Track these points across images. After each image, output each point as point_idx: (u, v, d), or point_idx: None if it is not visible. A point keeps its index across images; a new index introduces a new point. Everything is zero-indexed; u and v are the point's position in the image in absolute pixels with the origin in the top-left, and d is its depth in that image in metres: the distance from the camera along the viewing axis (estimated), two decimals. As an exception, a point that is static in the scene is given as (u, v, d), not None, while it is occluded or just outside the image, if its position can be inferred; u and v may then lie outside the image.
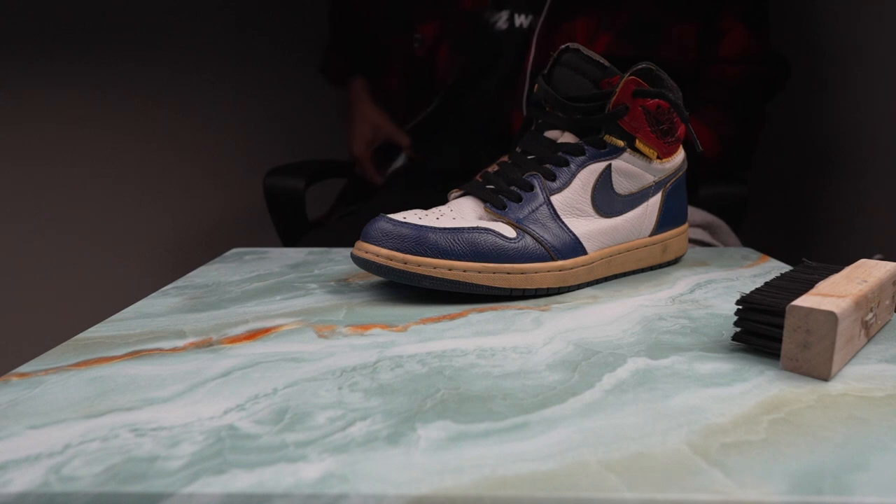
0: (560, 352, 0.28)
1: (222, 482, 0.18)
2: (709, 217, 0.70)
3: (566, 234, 0.39)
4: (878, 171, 0.72)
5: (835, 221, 0.81)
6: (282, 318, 0.34)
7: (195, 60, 1.19)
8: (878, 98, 0.72)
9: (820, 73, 0.84)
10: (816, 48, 0.84)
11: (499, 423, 0.21)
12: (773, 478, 0.18)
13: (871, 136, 0.74)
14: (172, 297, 0.39)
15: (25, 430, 0.21)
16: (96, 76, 1.11)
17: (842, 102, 0.79)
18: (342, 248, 0.59)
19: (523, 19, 0.75)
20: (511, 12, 0.75)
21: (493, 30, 0.76)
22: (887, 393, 0.24)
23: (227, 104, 1.24)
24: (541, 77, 0.42)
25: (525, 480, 0.18)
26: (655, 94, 0.39)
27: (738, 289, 0.39)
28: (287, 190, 0.85)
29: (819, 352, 0.24)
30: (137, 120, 1.16)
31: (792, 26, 0.90)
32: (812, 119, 0.86)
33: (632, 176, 0.41)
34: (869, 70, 0.73)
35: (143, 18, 1.13)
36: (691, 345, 0.29)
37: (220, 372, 0.26)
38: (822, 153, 0.84)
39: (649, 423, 0.21)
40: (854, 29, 0.76)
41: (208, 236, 1.27)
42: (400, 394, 0.24)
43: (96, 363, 0.28)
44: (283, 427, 0.21)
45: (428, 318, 0.34)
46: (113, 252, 1.18)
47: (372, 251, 0.36)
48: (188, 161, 1.22)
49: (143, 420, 0.22)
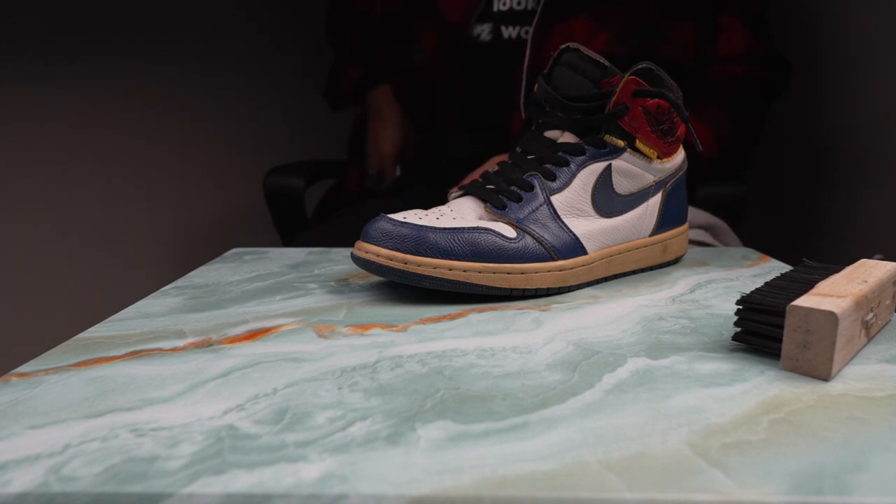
0: (560, 352, 0.28)
1: (222, 482, 0.18)
2: (711, 219, 0.70)
3: (566, 234, 0.39)
4: (879, 171, 0.72)
5: (835, 221, 0.81)
6: (282, 318, 0.34)
7: (195, 61, 1.19)
8: (878, 98, 0.72)
9: (821, 73, 0.84)
10: (817, 48, 0.84)
11: (499, 423, 0.21)
12: (773, 478, 0.18)
13: (871, 136, 0.74)
14: (172, 297, 0.39)
15: (25, 430, 0.21)
16: (96, 76, 1.11)
17: (842, 102, 0.79)
18: (342, 248, 0.59)
19: (511, 30, 0.77)
20: (496, 24, 0.77)
21: (479, 41, 0.78)
22: (887, 393, 0.24)
23: (228, 104, 1.24)
24: (541, 77, 0.42)
25: (525, 480, 0.18)
26: (655, 94, 0.39)
27: (738, 289, 0.39)
28: (287, 190, 0.85)
29: (819, 352, 0.24)
30: (138, 120, 1.16)
31: (793, 26, 0.90)
32: (813, 119, 0.86)
33: (632, 176, 0.41)
34: (870, 70, 0.73)
35: (143, 19, 1.13)
36: (691, 345, 0.29)
37: (220, 372, 0.26)
38: (822, 153, 0.84)
39: (649, 423, 0.21)
40: (854, 29, 0.76)
41: (208, 236, 1.27)
42: (400, 394, 0.24)
43: (96, 363, 0.28)
44: (283, 427, 0.21)
45: (428, 318, 0.34)
46: (113, 252, 1.18)
47: (372, 251, 0.36)
48: (188, 161, 1.22)
49: (143, 420, 0.22)
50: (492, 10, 0.77)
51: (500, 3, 0.77)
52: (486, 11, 0.78)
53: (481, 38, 0.78)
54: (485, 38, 0.77)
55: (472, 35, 0.78)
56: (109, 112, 1.13)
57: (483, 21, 0.78)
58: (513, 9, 0.76)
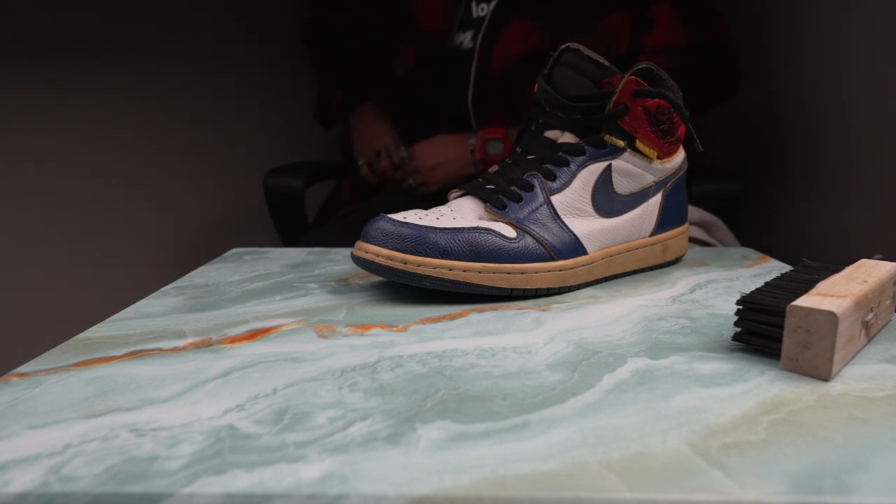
0: (560, 352, 0.28)
1: (222, 482, 0.18)
2: (705, 215, 0.70)
3: (566, 234, 0.39)
4: (880, 170, 0.72)
5: (835, 221, 0.81)
6: (282, 318, 0.34)
7: (196, 61, 1.19)
8: (879, 99, 0.72)
9: (821, 72, 0.84)
10: (817, 47, 0.84)
11: (499, 423, 0.21)
12: (773, 478, 0.18)
13: (872, 136, 0.74)
14: (172, 297, 0.39)
15: (25, 430, 0.21)
16: (96, 76, 1.11)
17: (843, 102, 0.79)
18: (342, 248, 0.59)
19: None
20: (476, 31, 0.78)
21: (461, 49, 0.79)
22: (887, 393, 0.24)
23: (228, 105, 1.24)
24: (541, 77, 0.42)
25: (525, 480, 0.18)
26: (656, 94, 0.39)
27: (738, 289, 0.39)
28: (287, 190, 0.85)
29: (819, 352, 0.24)
30: (138, 120, 1.16)
31: (791, 27, 0.90)
32: (813, 119, 0.86)
33: (632, 176, 0.41)
34: (870, 69, 0.73)
35: (144, 19, 1.13)
36: (691, 345, 0.29)
37: (220, 372, 0.26)
38: (822, 153, 0.84)
39: (649, 423, 0.21)
40: (854, 28, 0.76)
41: (208, 236, 1.27)
42: (400, 394, 0.24)
43: (96, 363, 0.28)
44: (283, 427, 0.21)
45: (428, 318, 0.34)
46: (113, 252, 1.18)
47: (372, 251, 0.36)
48: (188, 161, 1.22)
49: (143, 420, 0.22)
50: (472, 16, 0.79)
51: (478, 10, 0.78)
52: (465, 19, 0.79)
53: (463, 45, 0.79)
54: (467, 45, 0.79)
55: (455, 44, 0.80)
56: (109, 112, 1.13)
57: (465, 29, 0.79)
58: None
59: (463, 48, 0.79)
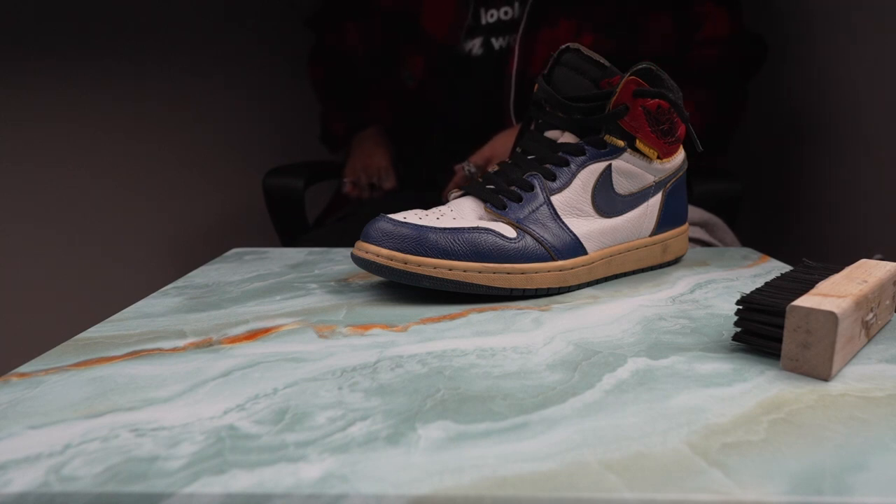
0: (560, 352, 0.28)
1: (222, 482, 0.18)
2: (706, 215, 0.70)
3: (566, 234, 0.39)
4: (880, 170, 0.72)
5: (835, 221, 0.81)
6: (282, 318, 0.34)
7: (196, 62, 1.19)
8: (879, 98, 0.72)
9: (821, 72, 0.84)
10: (817, 47, 0.84)
11: (499, 423, 0.21)
12: (773, 478, 0.18)
13: (872, 136, 0.74)
14: (172, 297, 0.39)
15: (25, 430, 0.21)
16: (96, 77, 1.11)
17: (843, 102, 0.79)
18: (342, 248, 0.59)
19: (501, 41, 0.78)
20: (486, 37, 0.78)
21: (472, 56, 0.79)
22: (887, 393, 0.24)
23: (228, 105, 1.24)
24: (541, 77, 0.42)
25: (525, 480, 0.18)
26: (656, 94, 0.39)
27: (738, 289, 0.39)
28: (286, 190, 0.85)
29: (819, 352, 0.24)
30: (138, 120, 1.16)
31: (791, 27, 0.90)
32: (813, 119, 0.86)
33: (632, 176, 0.41)
34: (870, 68, 0.73)
35: (143, 20, 1.13)
36: (691, 345, 0.29)
37: (220, 372, 0.26)
38: (823, 153, 0.84)
39: (649, 423, 0.21)
40: (855, 25, 0.76)
41: (208, 236, 1.27)
42: (400, 394, 0.24)
43: (96, 363, 0.28)
44: (283, 427, 0.21)
45: (428, 318, 0.34)
46: (113, 252, 1.18)
47: (372, 251, 0.36)
48: (188, 161, 1.22)
49: (143, 420, 0.22)
50: (480, 23, 0.79)
51: (487, 16, 0.78)
52: (475, 25, 0.79)
53: (473, 52, 0.79)
54: (476, 51, 0.79)
55: (465, 51, 0.80)
56: (109, 112, 1.13)
57: (473, 36, 0.79)
58: (500, 19, 0.78)
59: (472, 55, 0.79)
